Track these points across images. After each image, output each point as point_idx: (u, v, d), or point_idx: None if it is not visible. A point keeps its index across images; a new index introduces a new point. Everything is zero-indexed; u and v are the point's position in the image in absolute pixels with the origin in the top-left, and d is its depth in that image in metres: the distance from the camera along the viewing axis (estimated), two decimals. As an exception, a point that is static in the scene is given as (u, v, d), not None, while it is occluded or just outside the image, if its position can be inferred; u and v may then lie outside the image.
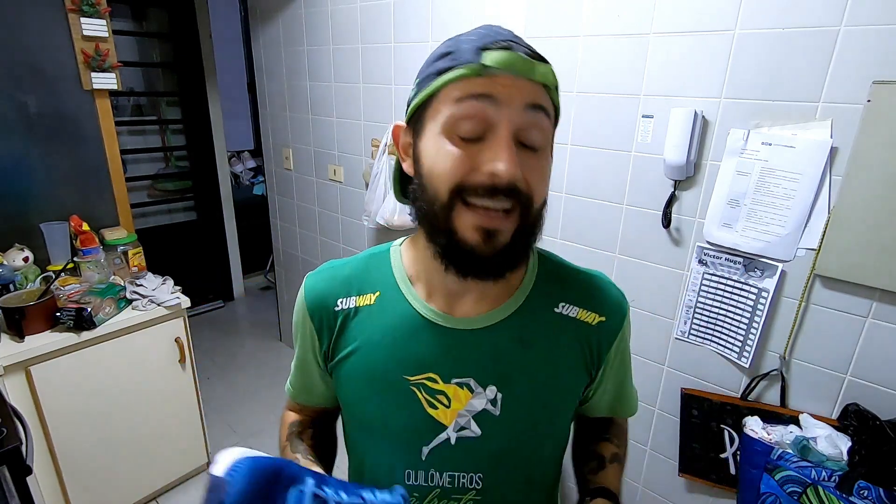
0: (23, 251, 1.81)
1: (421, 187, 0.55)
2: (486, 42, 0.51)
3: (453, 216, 0.52)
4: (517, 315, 0.61)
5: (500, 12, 1.54)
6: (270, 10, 2.39)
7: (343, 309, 0.64)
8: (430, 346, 0.60)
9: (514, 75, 0.50)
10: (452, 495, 0.63)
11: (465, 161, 0.50)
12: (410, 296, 0.62)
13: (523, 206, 0.52)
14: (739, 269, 1.23)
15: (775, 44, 1.08)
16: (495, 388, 0.60)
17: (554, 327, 0.62)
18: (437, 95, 0.52)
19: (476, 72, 0.50)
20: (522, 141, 0.51)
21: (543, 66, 0.52)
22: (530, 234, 0.55)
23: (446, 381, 0.60)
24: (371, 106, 2.05)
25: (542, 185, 0.54)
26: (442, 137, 0.52)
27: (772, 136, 1.12)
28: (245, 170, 4.15)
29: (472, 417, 0.60)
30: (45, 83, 1.86)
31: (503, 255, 0.53)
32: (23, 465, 1.13)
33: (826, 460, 1.07)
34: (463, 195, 0.51)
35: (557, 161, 1.49)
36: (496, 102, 0.49)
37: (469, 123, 0.50)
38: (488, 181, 0.49)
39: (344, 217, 2.37)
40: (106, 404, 1.71)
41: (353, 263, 0.68)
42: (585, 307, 0.63)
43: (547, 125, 0.53)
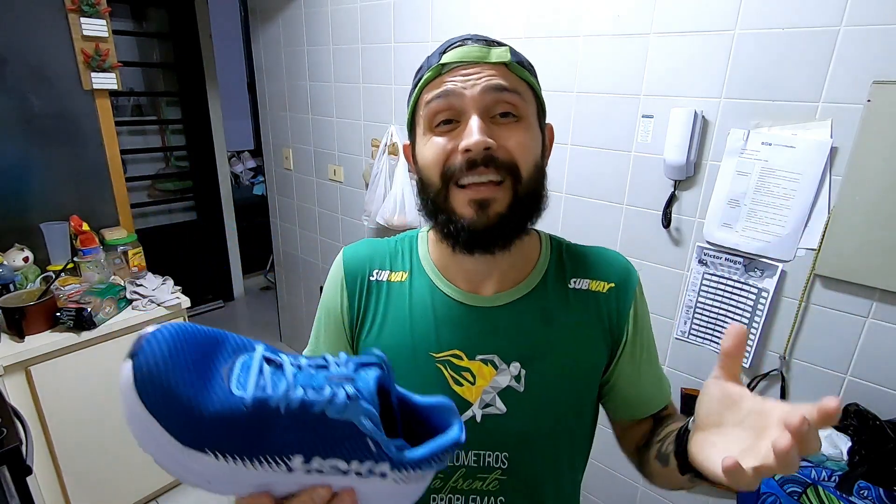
0: (23, 251, 1.81)
1: (421, 182, 0.61)
2: (446, 45, 0.59)
3: (449, 198, 0.57)
4: (536, 292, 0.63)
5: (499, 12, 1.54)
6: (270, 10, 2.39)
7: (377, 280, 0.67)
8: (455, 325, 0.63)
9: (469, 63, 0.56)
10: (478, 475, 0.63)
11: (445, 147, 0.56)
12: (436, 277, 0.65)
13: (511, 174, 0.55)
14: (739, 269, 1.23)
15: (775, 44, 1.08)
16: (519, 365, 0.61)
17: (570, 302, 0.64)
18: (417, 104, 0.60)
19: (436, 71, 0.57)
20: (495, 115, 0.56)
21: (499, 48, 0.57)
22: (528, 203, 0.58)
23: (471, 357, 0.62)
24: (371, 106, 2.05)
25: (525, 153, 0.57)
26: (427, 135, 0.59)
27: (772, 136, 1.12)
28: (245, 170, 4.15)
29: (497, 394, 0.61)
30: (45, 83, 1.86)
31: (500, 224, 0.56)
32: (23, 465, 1.13)
33: (826, 460, 1.07)
34: (452, 179, 0.56)
35: (557, 161, 1.50)
36: (458, 94, 0.55)
37: (441, 116, 0.57)
38: (464, 158, 0.55)
39: (344, 217, 2.37)
40: (106, 404, 1.71)
41: (388, 242, 0.71)
42: (595, 277, 0.65)
43: (516, 100, 0.56)
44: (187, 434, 0.35)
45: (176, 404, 0.35)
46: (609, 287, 0.65)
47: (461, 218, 0.56)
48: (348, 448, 0.39)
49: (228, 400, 0.36)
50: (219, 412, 0.35)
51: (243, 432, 0.36)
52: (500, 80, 0.56)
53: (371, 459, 0.40)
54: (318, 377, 0.39)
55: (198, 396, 0.35)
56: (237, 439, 0.36)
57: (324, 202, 2.46)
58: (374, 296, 0.66)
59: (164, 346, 0.36)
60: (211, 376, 0.37)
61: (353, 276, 0.67)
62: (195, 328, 0.38)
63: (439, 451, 0.42)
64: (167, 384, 0.35)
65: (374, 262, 0.68)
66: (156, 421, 0.35)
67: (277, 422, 0.37)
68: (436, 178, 0.57)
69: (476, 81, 0.55)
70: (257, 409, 0.36)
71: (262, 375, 0.38)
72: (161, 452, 0.36)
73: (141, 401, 0.35)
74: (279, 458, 0.37)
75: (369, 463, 0.40)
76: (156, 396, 0.35)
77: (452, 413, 0.45)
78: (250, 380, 0.37)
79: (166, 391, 0.35)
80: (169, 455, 0.36)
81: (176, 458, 0.36)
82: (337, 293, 0.68)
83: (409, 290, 0.65)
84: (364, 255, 0.69)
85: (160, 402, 0.35)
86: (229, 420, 0.36)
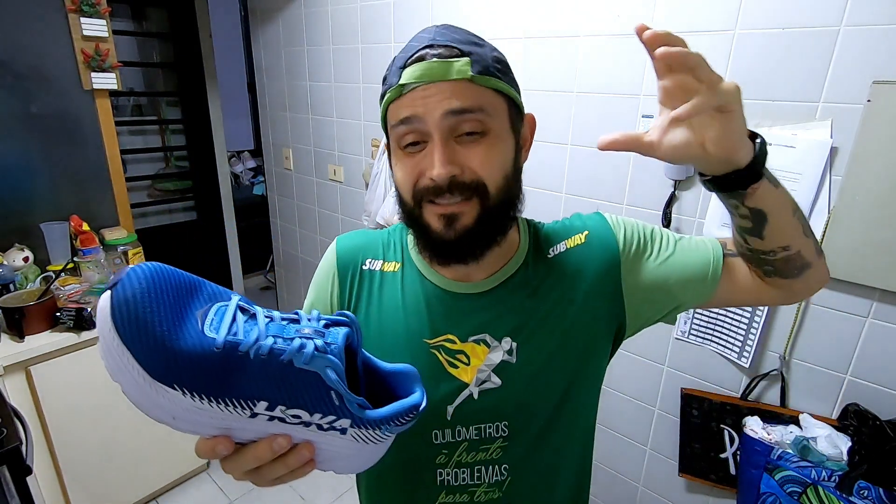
0: (23, 251, 1.81)
1: (397, 196, 0.63)
2: (405, 58, 0.56)
3: (422, 212, 0.59)
4: (519, 273, 0.66)
5: (499, 12, 1.54)
6: (270, 10, 2.39)
7: (370, 269, 0.69)
8: (446, 312, 0.65)
9: (428, 83, 0.54)
10: (481, 446, 0.65)
11: (413, 169, 0.57)
12: (424, 269, 0.67)
13: (478, 193, 0.56)
14: (739, 269, 1.23)
15: (775, 44, 1.08)
16: (510, 339, 0.63)
17: (553, 270, 0.66)
18: (386, 117, 0.60)
19: (397, 93, 0.56)
20: (460, 134, 0.56)
21: (460, 62, 0.54)
22: (498, 214, 0.59)
23: (463, 340, 0.64)
24: (371, 106, 2.04)
25: (491, 169, 0.57)
26: (398, 152, 0.60)
27: (772, 136, 1.12)
28: (245, 170, 4.15)
29: (492, 371, 0.63)
30: (45, 83, 1.86)
31: (469, 237, 0.58)
32: (23, 465, 1.13)
33: (826, 460, 1.07)
34: (423, 198, 0.58)
35: (557, 161, 1.50)
36: (420, 119, 0.55)
37: (408, 139, 0.57)
38: (431, 185, 0.56)
39: (344, 217, 2.37)
40: (106, 404, 1.71)
41: (381, 233, 0.73)
42: (569, 236, 0.68)
43: (480, 117, 0.55)
44: (158, 368, 0.36)
45: (149, 337, 0.36)
46: (586, 235, 0.67)
47: (433, 231, 0.58)
48: (312, 399, 0.40)
49: (201, 340, 0.37)
50: (190, 350, 0.36)
51: (212, 373, 0.37)
52: (460, 101, 0.54)
53: (333, 414, 0.41)
54: (289, 329, 0.41)
55: (171, 332, 0.36)
56: (206, 379, 0.37)
57: (324, 202, 2.46)
58: (366, 284, 0.68)
59: (143, 282, 0.36)
60: (185, 316, 0.38)
61: (345, 265, 0.69)
62: (175, 270, 0.39)
63: (399, 413, 0.44)
64: (142, 317, 0.35)
65: (368, 251, 0.70)
66: (128, 352, 0.35)
67: (246, 367, 0.38)
68: (408, 196, 0.59)
69: (436, 104, 0.54)
70: (227, 352, 0.37)
71: (235, 322, 0.39)
72: (131, 384, 0.36)
73: (116, 331, 0.35)
74: (244, 401, 0.38)
75: (331, 417, 0.41)
76: (130, 328, 0.35)
77: (415, 379, 0.48)
78: (223, 324, 0.39)
79: (141, 323, 0.35)
80: (138, 387, 0.36)
81: (145, 391, 0.36)
82: (328, 281, 0.70)
83: (401, 280, 0.67)
84: (357, 245, 0.71)
85: (134, 333, 0.35)
86: (200, 360, 0.37)
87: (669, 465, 1.47)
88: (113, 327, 0.35)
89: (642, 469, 1.55)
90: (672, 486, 1.48)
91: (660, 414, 1.47)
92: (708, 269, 0.66)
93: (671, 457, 1.46)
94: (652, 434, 1.50)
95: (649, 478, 1.54)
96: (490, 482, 0.66)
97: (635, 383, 1.50)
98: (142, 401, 0.37)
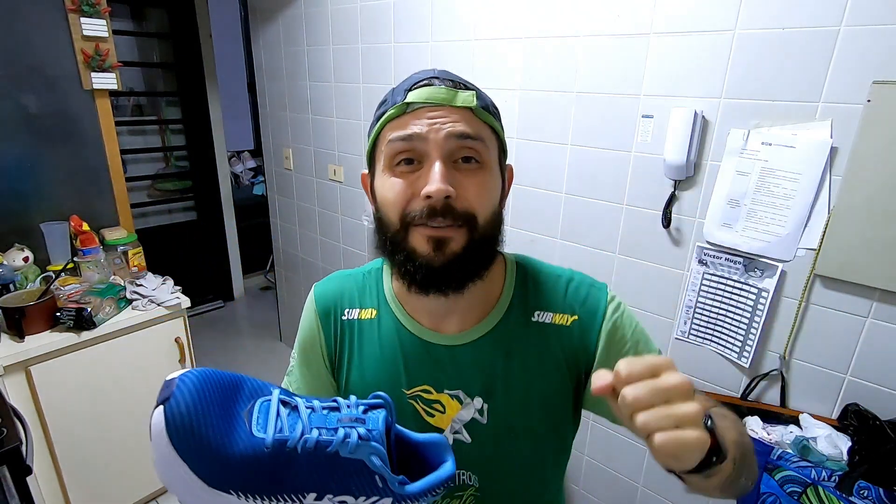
0: (23, 251, 1.81)
1: (378, 219, 0.61)
2: (412, 82, 0.58)
3: (407, 237, 0.57)
4: (498, 328, 0.63)
5: (499, 12, 1.54)
6: (270, 10, 2.39)
7: (349, 319, 0.68)
8: (422, 362, 0.64)
9: (435, 105, 0.55)
10: (455, 493, 0.66)
11: (406, 190, 0.56)
12: (401, 314, 0.66)
13: (468, 223, 0.56)
14: (739, 269, 1.23)
15: (775, 44, 1.08)
16: (481, 400, 0.63)
17: (532, 337, 0.63)
18: (379, 137, 0.60)
19: (401, 109, 0.57)
20: (457, 159, 0.56)
21: (465, 93, 0.57)
22: (483, 246, 0.58)
23: (439, 391, 0.64)
24: (371, 106, 2.04)
25: (483, 200, 0.57)
26: (386, 173, 0.58)
27: (772, 136, 1.12)
28: (245, 170, 4.15)
29: (463, 426, 0.64)
30: (45, 83, 1.86)
31: (456, 264, 0.56)
32: (23, 465, 1.13)
33: (826, 460, 1.07)
34: (411, 222, 0.56)
35: (557, 161, 1.50)
36: (422, 138, 0.55)
37: (402, 156, 0.57)
38: (425, 204, 0.55)
39: (344, 217, 2.37)
40: (106, 404, 1.71)
41: (356, 277, 0.72)
42: (558, 311, 0.64)
43: (479, 146, 0.56)
44: (214, 476, 0.37)
45: (205, 448, 0.37)
46: (573, 320, 0.63)
47: (419, 256, 0.56)
48: (357, 484, 0.41)
49: (251, 442, 0.38)
50: (243, 454, 0.38)
51: (264, 472, 0.39)
52: (464, 126, 0.55)
53: (376, 495, 0.42)
54: (330, 419, 0.42)
55: (224, 440, 0.38)
56: (258, 479, 0.38)
57: (324, 202, 2.46)
58: (347, 335, 0.68)
59: (193, 392, 0.38)
60: (234, 419, 0.39)
61: (326, 315, 0.69)
62: (217, 373, 0.41)
63: (435, 485, 0.45)
64: (197, 429, 0.37)
65: (345, 299, 0.69)
66: (185, 464, 0.37)
67: (294, 461, 0.39)
68: (395, 218, 0.57)
69: (441, 126, 0.55)
70: (277, 450, 0.39)
71: (279, 418, 0.41)
72: (188, 494, 0.38)
73: (172, 445, 0.37)
74: (295, 495, 0.40)
75: (374, 498, 0.42)
76: (186, 441, 0.37)
77: (446, 449, 0.48)
78: (269, 422, 0.40)
79: (196, 436, 0.37)
80: (195, 496, 0.38)
81: (202, 499, 0.38)
82: (314, 331, 0.69)
83: (377, 328, 0.66)
84: (334, 293, 0.70)
85: (190, 446, 0.37)
86: (252, 461, 0.38)
87: (669, 465, 1.47)
88: (169, 443, 0.36)
89: (642, 469, 1.55)
90: (672, 486, 1.48)
91: (660, 414, 1.47)
92: None
93: (671, 457, 1.46)
94: (652, 434, 1.50)
95: (649, 478, 1.54)
96: None
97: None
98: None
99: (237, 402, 0.41)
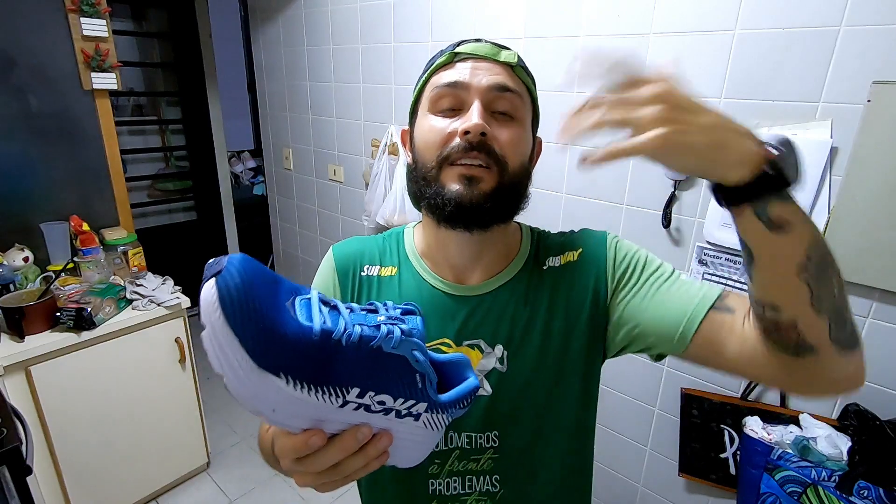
0: (23, 251, 1.81)
1: (415, 162, 0.64)
2: (461, 40, 0.63)
3: (440, 174, 0.60)
4: (516, 279, 0.66)
5: (500, 12, 1.54)
6: (270, 10, 2.39)
7: (368, 275, 0.69)
8: (442, 314, 0.65)
9: (480, 58, 0.61)
10: (472, 456, 0.65)
11: (444, 130, 0.60)
12: (422, 270, 0.68)
13: (498, 165, 0.59)
14: (739, 269, 1.23)
15: (775, 44, 1.08)
16: (502, 347, 0.64)
17: (547, 283, 0.66)
18: (424, 88, 0.64)
19: (449, 59, 0.62)
20: (494, 110, 0.60)
21: (507, 51, 0.62)
22: (511, 192, 0.61)
23: (459, 343, 0.64)
24: (371, 106, 2.05)
25: (515, 149, 0.60)
26: (427, 115, 0.62)
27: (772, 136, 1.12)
28: (245, 170, 4.15)
29: (484, 377, 0.64)
30: (45, 83, 1.86)
31: (485, 202, 0.59)
32: (23, 465, 1.13)
33: (826, 460, 1.07)
34: (447, 160, 0.59)
35: (557, 161, 1.50)
36: (465, 86, 0.60)
37: (445, 102, 0.61)
38: (463, 140, 0.58)
39: (344, 217, 2.37)
40: (106, 404, 1.71)
41: (376, 238, 0.74)
42: (565, 251, 0.68)
43: (516, 101, 0.61)
44: (266, 353, 0.36)
45: (258, 323, 0.36)
46: (578, 253, 0.67)
47: (450, 191, 0.59)
48: (398, 383, 0.42)
49: (300, 328, 0.38)
50: (293, 337, 0.37)
51: (312, 360, 0.38)
52: (505, 79, 0.60)
53: (413, 398, 0.43)
54: (370, 318, 0.42)
55: (276, 318, 0.37)
56: (307, 366, 0.38)
57: (324, 202, 2.46)
58: (365, 291, 0.69)
59: (245, 271, 0.36)
60: (280, 306, 0.38)
61: (344, 272, 0.70)
62: (257, 262, 0.39)
63: (463, 396, 0.46)
64: (251, 304, 0.35)
65: (364, 257, 0.70)
66: (237, 339, 0.35)
67: (339, 354, 0.39)
68: (431, 158, 0.60)
69: (483, 76, 0.59)
70: (324, 340, 0.38)
71: (321, 313, 0.40)
72: (235, 374, 0.36)
73: (224, 317, 0.35)
74: (339, 388, 0.39)
75: (411, 402, 0.43)
76: (239, 314, 0.35)
77: (467, 366, 0.49)
78: (314, 314, 0.39)
79: (250, 309, 0.35)
80: (243, 377, 0.36)
81: (250, 380, 0.36)
82: (330, 290, 0.70)
83: (398, 284, 0.68)
84: (354, 252, 0.71)
85: (243, 319, 0.35)
86: (301, 346, 0.37)
87: (669, 465, 1.47)
88: (222, 314, 0.35)
89: (642, 469, 1.55)
90: (672, 486, 1.48)
91: (660, 414, 1.47)
92: (679, 324, 0.57)
93: (671, 457, 1.46)
94: (652, 434, 1.50)
95: (649, 478, 1.54)
96: (481, 491, 0.66)
97: (635, 383, 1.50)
98: (244, 392, 0.37)
99: (278, 293, 0.39)
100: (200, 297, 0.36)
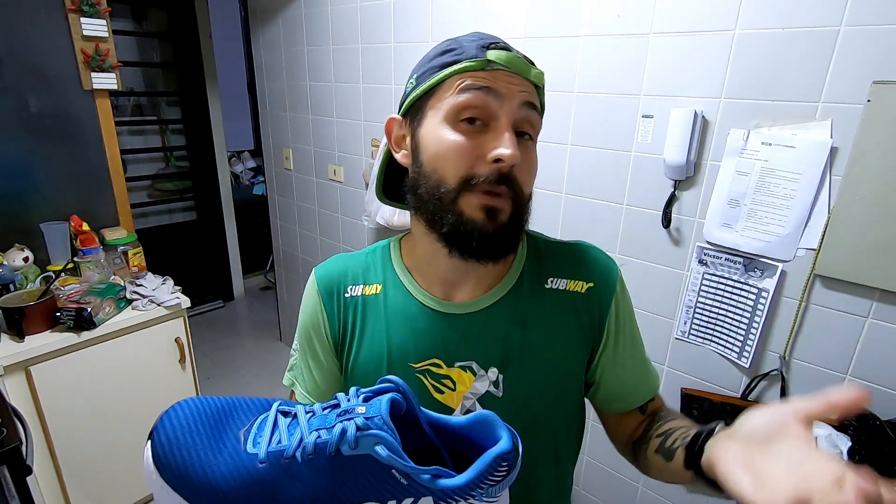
0: (23, 251, 1.81)
1: (423, 175, 0.57)
2: (487, 41, 0.56)
3: (458, 199, 0.55)
4: (511, 295, 0.63)
5: (500, 12, 1.54)
6: (270, 10, 2.39)
7: (352, 296, 0.66)
8: (432, 333, 0.62)
9: (513, 73, 0.55)
10: None
11: (472, 150, 0.54)
12: (410, 286, 0.64)
13: (515, 192, 0.56)
14: (739, 269, 1.23)
15: (775, 44, 1.08)
16: (496, 370, 0.61)
17: (547, 303, 0.63)
18: (441, 86, 0.56)
19: (480, 65, 0.54)
20: (517, 129, 0.56)
21: (536, 69, 0.58)
22: (521, 220, 0.59)
23: (450, 364, 0.61)
24: (371, 106, 2.05)
25: (531, 176, 0.59)
26: (444, 125, 0.55)
27: (772, 136, 1.12)
28: (245, 170, 4.15)
29: (477, 400, 0.61)
30: (45, 83, 1.86)
31: (503, 233, 0.56)
32: (23, 465, 1.13)
33: (826, 460, 1.07)
34: (471, 182, 0.54)
35: (557, 161, 1.50)
36: (498, 95, 0.54)
37: (472, 112, 0.54)
38: (495, 168, 0.53)
39: (344, 217, 2.37)
40: (106, 404, 1.71)
41: (359, 256, 0.70)
42: (572, 277, 0.64)
43: (538, 123, 0.58)
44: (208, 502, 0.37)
45: (192, 476, 0.37)
46: (588, 287, 0.63)
47: (471, 222, 0.54)
48: (376, 487, 0.36)
49: (242, 462, 0.37)
50: (234, 476, 0.37)
51: (262, 490, 0.37)
52: (533, 98, 0.57)
53: (408, 496, 0.36)
54: (330, 417, 0.38)
55: (212, 465, 0.37)
56: (258, 498, 0.37)
57: (324, 202, 2.46)
58: (350, 312, 0.65)
59: (178, 424, 0.38)
60: (225, 443, 0.38)
61: (328, 295, 0.66)
62: (209, 400, 0.40)
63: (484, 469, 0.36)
64: (181, 460, 0.37)
65: (347, 277, 0.67)
66: (177, 494, 0.37)
67: (297, 472, 0.36)
68: (452, 177, 0.54)
69: (518, 93, 0.55)
70: (273, 463, 0.37)
71: (277, 429, 0.39)
72: None
73: (161, 477, 0.37)
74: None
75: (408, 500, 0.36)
76: (173, 472, 0.37)
77: (496, 424, 0.40)
78: (264, 436, 0.38)
79: (181, 466, 0.37)
80: None
81: None
82: (317, 313, 0.67)
83: (384, 303, 0.64)
84: (336, 272, 0.68)
85: (178, 476, 0.37)
86: (247, 480, 0.37)
87: (669, 465, 1.47)
88: (159, 475, 0.37)
89: (642, 469, 1.55)
90: (672, 486, 1.48)
91: (660, 414, 1.47)
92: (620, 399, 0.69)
93: (671, 457, 1.46)
94: (652, 434, 1.50)
95: (649, 478, 1.54)
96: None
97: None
98: None
99: (232, 423, 0.39)
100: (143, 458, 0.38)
